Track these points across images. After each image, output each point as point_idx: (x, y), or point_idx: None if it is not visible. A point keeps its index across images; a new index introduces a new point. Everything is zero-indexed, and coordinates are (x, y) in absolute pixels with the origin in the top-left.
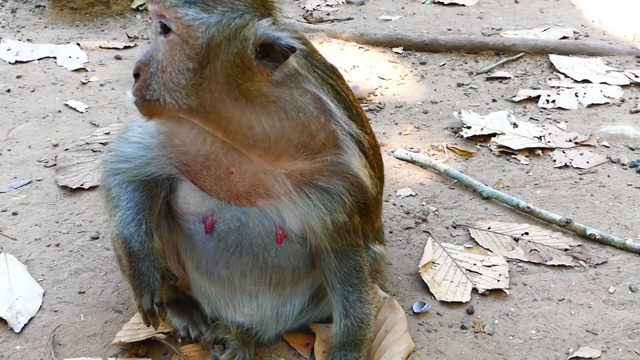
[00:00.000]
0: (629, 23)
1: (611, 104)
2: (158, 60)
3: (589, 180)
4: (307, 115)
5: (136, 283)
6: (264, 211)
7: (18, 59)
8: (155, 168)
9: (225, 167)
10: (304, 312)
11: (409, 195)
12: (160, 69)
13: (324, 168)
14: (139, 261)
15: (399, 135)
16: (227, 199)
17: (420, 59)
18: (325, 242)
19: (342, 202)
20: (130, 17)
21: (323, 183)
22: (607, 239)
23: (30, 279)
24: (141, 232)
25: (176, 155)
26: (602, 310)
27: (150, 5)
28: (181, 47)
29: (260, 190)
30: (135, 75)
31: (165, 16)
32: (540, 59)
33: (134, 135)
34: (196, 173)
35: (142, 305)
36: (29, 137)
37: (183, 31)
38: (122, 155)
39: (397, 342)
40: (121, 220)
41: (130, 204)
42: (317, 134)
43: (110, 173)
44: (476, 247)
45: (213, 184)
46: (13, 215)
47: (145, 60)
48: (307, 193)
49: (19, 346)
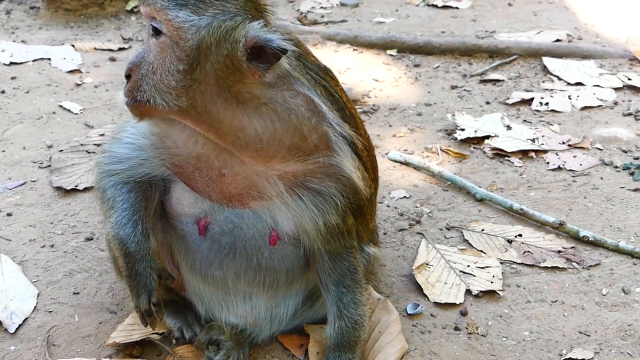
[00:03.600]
0: (622, 26)
1: (604, 106)
2: (149, 62)
3: (582, 183)
4: (299, 117)
5: (133, 284)
6: (258, 213)
7: (12, 60)
8: (148, 169)
9: (217, 169)
10: (298, 313)
11: (403, 197)
12: (151, 70)
13: (317, 170)
14: (135, 262)
15: (393, 137)
16: (220, 201)
17: (414, 62)
18: (318, 244)
19: (335, 204)
20: (124, 19)
21: (315, 185)
22: (600, 241)
23: (25, 279)
24: (137, 233)
25: (169, 156)
26: (595, 312)
27: (142, 7)
28: (172, 49)
29: (253, 192)
30: (127, 77)
31: (156, 18)
32: (533, 61)
33: (127, 136)
34: (188, 175)
35: (139, 306)
36: (23, 138)
37: (174, 33)
38: (115, 156)
39: (391, 343)
40: (117, 221)
41: (125, 205)
42: (310, 136)
43: (104, 175)
44: (470, 248)
45: (205, 186)
46: (7, 216)
47: (137, 62)
48: (299, 195)
49: (13, 347)
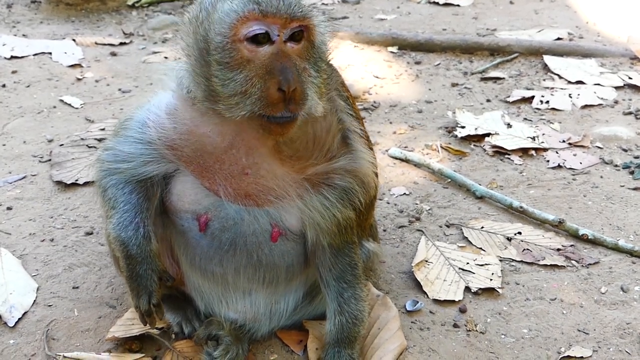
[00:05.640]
0: (623, 25)
1: (605, 105)
2: (304, 68)
3: (582, 181)
4: (327, 119)
5: (133, 285)
6: (261, 210)
7: (13, 54)
8: (153, 167)
9: (242, 167)
10: (298, 309)
11: (403, 194)
12: (310, 76)
13: (339, 167)
14: (136, 264)
15: (394, 134)
16: (233, 198)
17: (415, 59)
18: (327, 238)
19: (354, 198)
20: (125, 14)
21: (339, 181)
22: (599, 240)
23: (25, 273)
24: (139, 236)
25: (183, 146)
26: (594, 310)
27: (280, 15)
28: (313, 52)
29: (271, 194)
30: (285, 92)
31: (303, 25)
32: (534, 59)
33: (133, 132)
34: (206, 166)
35: (139, 306)
36: (23, 132)
37: (317, 38)
38: (119, 154)
39: (390, 340)
40: (119, 222)
41: (127, 206)
42: (336, 135)
43: (106, 173)
44: (469, 246)
45: (222, 179)
46: (7, 210)
47: (296, 72)
48: (321, 192)
49: (13, 340)
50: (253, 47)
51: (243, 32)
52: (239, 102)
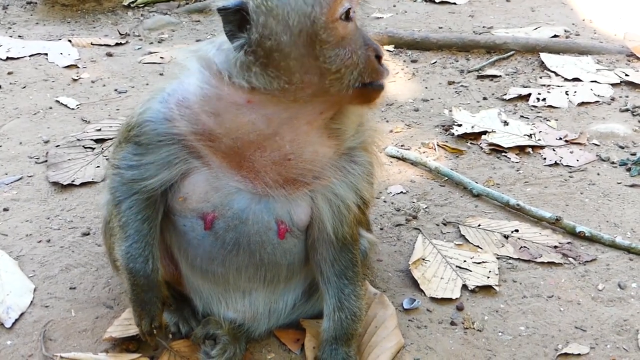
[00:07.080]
0: (619, 22)
1: (601, 102)
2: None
3: (578, 178)
4: None
5: (137, 308)
6: (268, 205)
7: (9, 56)
8: (178, 167)
9: (285, 153)
10: (296, 307)
11: (400, 193)
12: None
13: (359, 146)
14: (142, 292)
15: (390, 132)
16: (272, 184)
17: (411, 57)
18: (339, 225)
19: (372, 174)
20: (121, 14)
21: (360, 158)
22: (596, 237)
23: (21, 274)
24: (147, 269)
25: (226, 134)
26: (591, 307)
27: None
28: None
29: (308, 176)
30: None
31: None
32: (531, 57)
33: (153, 134)
34: (245, 155)
35: (141, 326)
36: (20, 133)
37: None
38: (135, 165)
39: (387, 338)
40: (128, 252)
41: (138, 236)
42: None
43: (124, 190)
44: (466, 244)
45: (262, 166)
46: (4, 211)
47: None
48: (349, 169)
49: (10, 341)
50: (345, 24)
51: (340, 10)
52: (345, 75)
